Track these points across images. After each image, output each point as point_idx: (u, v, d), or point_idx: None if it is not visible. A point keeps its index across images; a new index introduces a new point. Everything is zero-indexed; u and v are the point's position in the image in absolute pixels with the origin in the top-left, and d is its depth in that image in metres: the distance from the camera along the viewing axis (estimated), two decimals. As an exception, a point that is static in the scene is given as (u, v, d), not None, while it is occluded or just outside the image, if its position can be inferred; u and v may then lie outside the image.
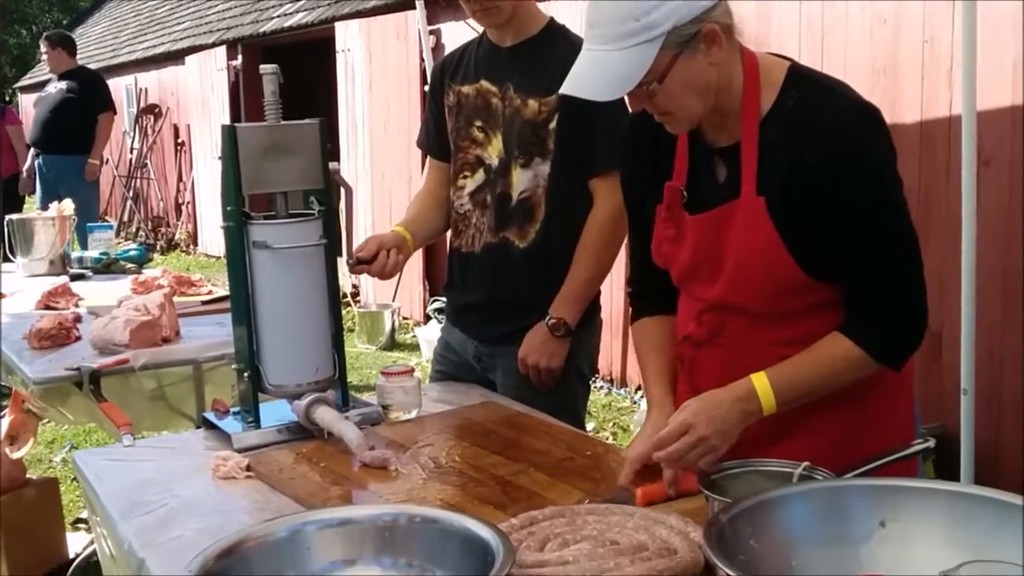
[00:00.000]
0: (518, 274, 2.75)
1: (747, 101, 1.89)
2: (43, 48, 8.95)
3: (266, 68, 2.37)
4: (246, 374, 2.39)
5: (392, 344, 8.16)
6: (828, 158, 1.82)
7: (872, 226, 1.85)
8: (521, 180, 2.70)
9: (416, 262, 8.46)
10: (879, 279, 1.87)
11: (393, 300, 8.59)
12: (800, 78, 1.90)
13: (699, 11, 1.78)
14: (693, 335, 2.04)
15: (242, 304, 2.37)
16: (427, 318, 8.32)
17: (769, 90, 1.90)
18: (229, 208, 2.33)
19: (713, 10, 1.80)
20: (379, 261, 2.66)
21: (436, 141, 2.93)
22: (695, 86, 1.83)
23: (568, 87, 1.84)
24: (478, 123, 2.78)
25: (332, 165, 2.46)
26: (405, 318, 8.74)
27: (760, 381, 1.85)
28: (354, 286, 9.33)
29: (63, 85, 8.72)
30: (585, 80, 1.82)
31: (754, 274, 1.90)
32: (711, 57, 1.82)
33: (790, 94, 1.88)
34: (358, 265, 2.66)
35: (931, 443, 1.74)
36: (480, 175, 2.79)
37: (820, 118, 1.84)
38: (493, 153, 2.76)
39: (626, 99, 1.88)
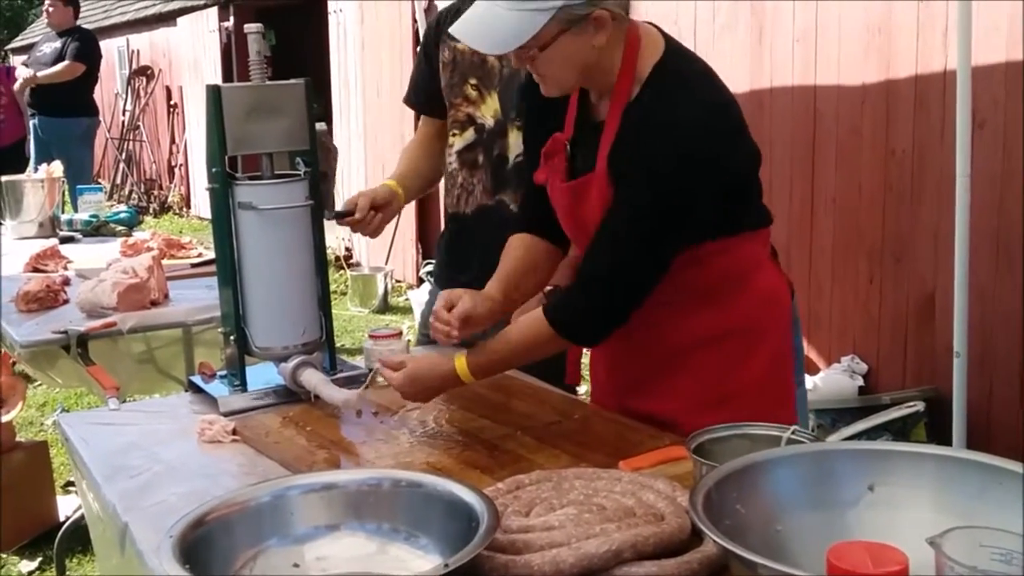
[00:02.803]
0: None
1: (618, 86, 1.98)
2: (49, 2, 8.74)
3: (250, 27, 2.34)
4: (232, 337, 2.37)
5: (385, 307, 8.14)
6: (646, 145, 1.92)
7: (615, 210, 1.96)
8: (518, 143, 2.65)
9: (409, 225, 8.43)
10: (590, 251, 2.00)
11: (386, 263, 8.57)
12: (662, 72, 1.96)
13: None
14: None
15: (228, 266, 2.34)
16: (420, 281, 8.29)
17: (640, 78, 1.97)
18: (214, 169, 2.30)
19: None
20: (367, 220, 2.62)
21: (425, 97, 2.87)
22: (574, 62, 1.93)
23: (457, 30, 1.92)
24: (472, 81, 2.73)
25: (319, 126, 2.43)
26: (398, 281, 8.72)
27: (459, 360, 2.05)
28: (347, 249, 9.29)
29: (58, 44, 8.59)
30: (475, 28, 1.90)
31: None
32: (596, 40, 1.90)
33: (651, 88, 1.95)
34: (343, 218, 2.61)
35: (920, 407, 1.73)
36: (470, 134, 2.76)
37: (658, 119, 1.92)
38: (487, 113, 2.73)
39: None
